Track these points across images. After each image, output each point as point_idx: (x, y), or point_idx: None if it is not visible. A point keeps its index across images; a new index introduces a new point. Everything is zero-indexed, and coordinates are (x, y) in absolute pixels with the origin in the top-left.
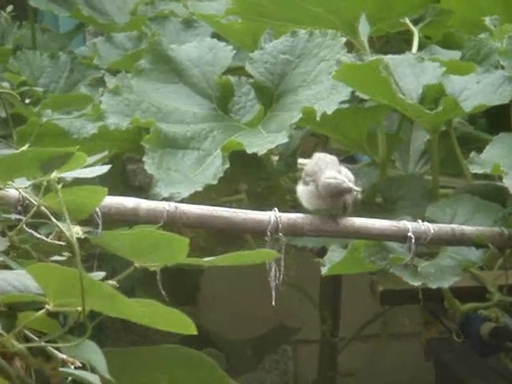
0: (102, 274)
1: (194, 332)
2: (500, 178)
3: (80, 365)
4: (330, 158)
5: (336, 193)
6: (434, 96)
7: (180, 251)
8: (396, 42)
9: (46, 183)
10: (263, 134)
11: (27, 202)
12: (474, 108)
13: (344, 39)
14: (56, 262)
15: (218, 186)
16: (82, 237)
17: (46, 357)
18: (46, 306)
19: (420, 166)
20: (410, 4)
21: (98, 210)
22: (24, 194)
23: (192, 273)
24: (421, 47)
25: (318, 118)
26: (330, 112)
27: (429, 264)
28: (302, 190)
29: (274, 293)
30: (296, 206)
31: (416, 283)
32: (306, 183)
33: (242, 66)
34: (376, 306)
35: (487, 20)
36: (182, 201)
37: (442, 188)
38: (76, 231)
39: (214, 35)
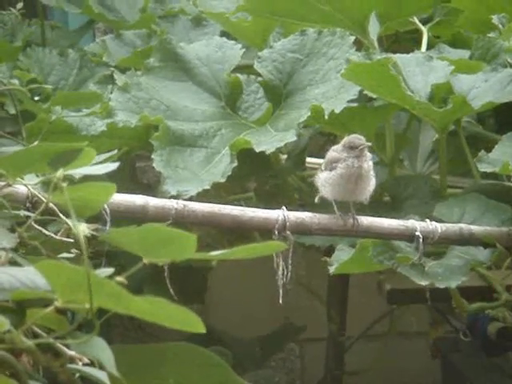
0: (111, 270)
1: (203, 330)
2: (509, 178)
3: (88, 361)
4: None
5: (349, 145)
6: (442, 95)
7: (189, 247)
8: (405, 41)
9: (54, 180)
10: (271, 133)
11: (36, 198)
12: (483, 106)
13: (352, 38)
14: (64, 259)
15: (226, 184)
16: (88, 234)
17: (54, 353)
18: (55, 303)
19: (428, 166)
20: (419, 3)
21: (106, 207)
22: (33, 190)
23: (200, 271)
24: (430, 46)
25: (326, 117)
26: (338, 111)
27: (436, 263)
28: (324, 177)
29: (281, 291)
30: (304, 205)
31: (423, 282)
32: (332, 169)
33: (251, 65)
34: (383, 305)
35: (495, 18)
36: (190, 198)
37: (450, 187)
38: (82, 229)
39: (223, 33)
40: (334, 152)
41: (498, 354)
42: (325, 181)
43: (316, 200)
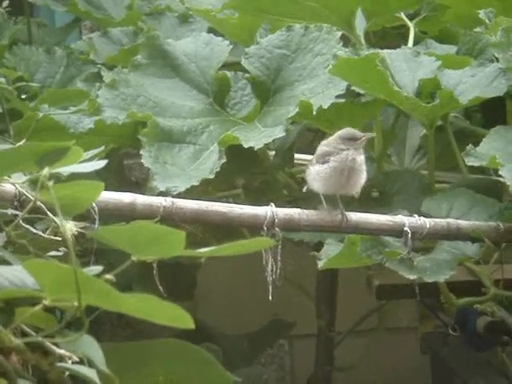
0: (99, 268)
1: (192, 326)
2: (496, 172)
3: (77, 360)
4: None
5: (349, 137)
6: (429, 90)
7: (177, 244)
8: (392, 37)
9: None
10: (259, 129)
11: (24, 197)
12: (470, 101)
13: (339, 33)
14: (53, 257)
15: (214, 180)
16: (76, 232)
17: (43, 352)
18: (43, 301)
19: (416, 161)
20: None
21: (94, 205)
22: (20, 189)
23: (189, 268)
24: (416, 42)
25: (314, 113)
26: (326, 106)
27: (425, 258)
28: (316, 170)
29: (270, 287)
30: (292, 201)
31: (412, 277)
32: (324, 162)
33: (239, 61)
34: (372, 301)
35: (482, 13)
36: (179, 195)
37: (438, 183)
38: (69, 227)
39: (210, 30)
40: (325, 146)
41: (487, 349)
42: (316, 174)
43: (304, 190)
